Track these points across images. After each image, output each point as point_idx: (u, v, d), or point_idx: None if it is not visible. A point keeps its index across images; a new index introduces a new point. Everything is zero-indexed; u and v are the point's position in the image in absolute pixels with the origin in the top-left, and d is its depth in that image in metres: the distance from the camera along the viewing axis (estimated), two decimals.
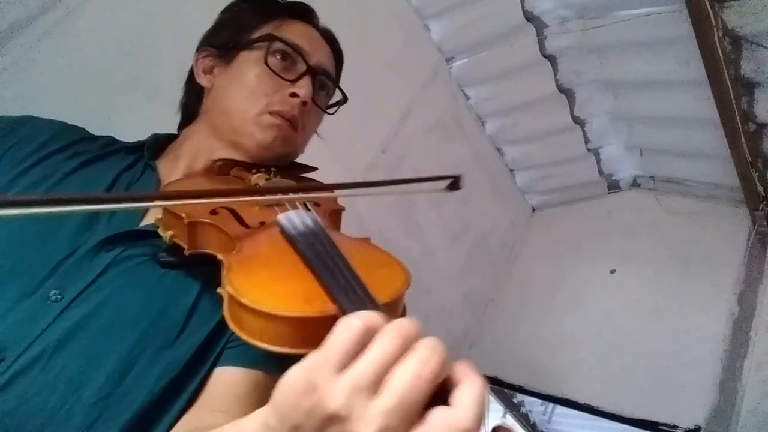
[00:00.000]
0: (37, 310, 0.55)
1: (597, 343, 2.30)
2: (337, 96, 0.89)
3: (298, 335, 0.40)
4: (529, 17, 2.09)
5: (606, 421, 2.15)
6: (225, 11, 0.86)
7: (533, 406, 3.51)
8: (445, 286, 2.48)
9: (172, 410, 0.57)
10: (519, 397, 3.29)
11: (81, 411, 0.52)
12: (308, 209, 0.58)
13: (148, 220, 0.68)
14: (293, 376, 0.36)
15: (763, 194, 2.07)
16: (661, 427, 1.98)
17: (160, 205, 0.56)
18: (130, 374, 0.55)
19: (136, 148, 0.79)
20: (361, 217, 2.04)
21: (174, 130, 0.88)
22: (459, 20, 2.17)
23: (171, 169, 0.76)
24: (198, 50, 0.83)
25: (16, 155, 0.68)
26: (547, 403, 3.12)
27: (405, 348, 0.35)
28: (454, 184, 0.63)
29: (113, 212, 0.66)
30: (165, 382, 0.57)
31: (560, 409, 3.29)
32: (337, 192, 0.58)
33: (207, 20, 0.88)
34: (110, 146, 0.77)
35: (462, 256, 2.57)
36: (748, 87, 1.82)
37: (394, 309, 0.46)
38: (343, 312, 0.39)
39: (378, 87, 2.02)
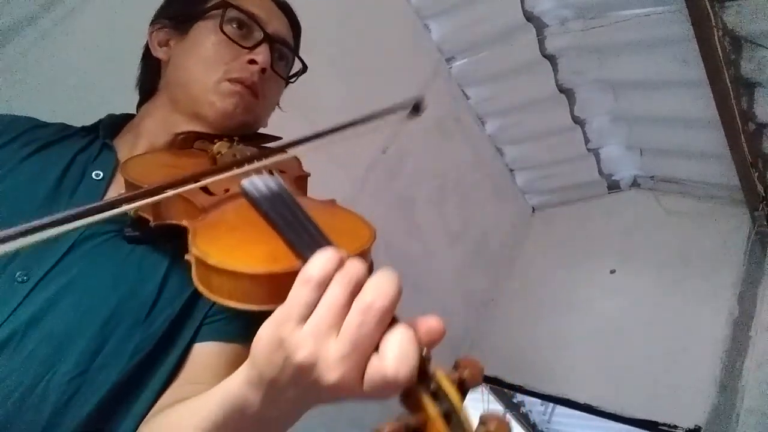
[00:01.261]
0: (4, 293, 0.55)
1: (597, 343, 2.30)
2: (297, 68, 0.87)
3: (265, 292, 0.41)
4: (529, 17, 2.09)
5: (606, 421, 2.16)
6: None
7: (533, 406, 3.51)
8: (445, 286, 2.48)
9: (149, 385, 0.57)
10: (519, 397, 3.29)
11: (56, 389, 0.52)
12: (272, 173, 0.58)
13: (110, 196, 0.66)
14: (262, 333, 0.39)
15: (763, 194, 2.07)
16: (661, 427, 1.98)
17: (126, 209, 0.53)
18: (104, 351, 0.55)
19: (92, 129, 0.78)
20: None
21: None
22: (459, 20, 2.17)
23: (131, 147, 0.74)
24: (152, 23, 0.82)
25: None
26: (547, 403, 3.13)
27: (355, 288, 0.37)
28: (416, 107, 0.62)
29: (74, 190, 0.65)
30: (139, 357, 0.57)
31: (560, 409, 3.29)
32: (301, 148, 0.58)
33: None
34: (64, 131, 0.76)
35: (462, 256, 2.57)
36: (748, 87, 1.82)
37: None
38: None
39: (378, 87, 2.02)
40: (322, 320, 0.37)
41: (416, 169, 2.26)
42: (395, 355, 0.35)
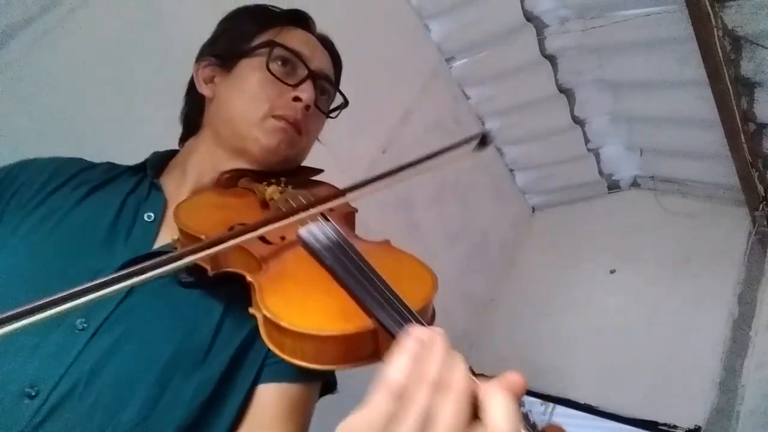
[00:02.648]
0: (65, 341, 0.55)
1: (597, 343, 2.30)
2: (338, 100, 0.89)
3: (337, 352, 0.41)
4: (529, 17, 2.09)
5: (606, 421, 2.15)
6: (224, 21, 0.86)
7: (533, 406, 3.51)
8: (445, 286, 2.46)
9: (213, 428, 0.58)
10: None
11: None
12: (327, 218, 0.59)
13: (163, 238, 0.68)
14: None
15: (763, 194, 2.07)
16: (661, 427, 1.98)
17: (183, 264, 0.52)
18: (165, 395, 0.56)
19: (138, 168, 0.79)
20: (361, 218, 2.03)
21: (173, 132, 0.87)
22: (459, 20, 2.17)
23: (178, 186, 0.76)
24: (198, 60, 0.83)
25: (20, 200, 0.68)
26: (547, 403, 3.12)
27: (437, 392, 0.37)
28: (483, 141, 0.60)
29: (128, 233, 0.67)
30: (200, 400, 0.57)
31: (560, 409, 3.28)
32: (356, 193, 0.57)
33: (206, 22, 0.87)
34: (112, 171, 0.77)
35: (462, 256, 2.57)
36: (748, 87, 1.82)
37: (425, 313, 0.47)
38: (381, 325, 0.40)
39: (378, 87, 2.02)
40: (408, 429, 0.36)
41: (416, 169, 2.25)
42: (500, 424, 0.36)
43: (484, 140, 0.60)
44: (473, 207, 2.60)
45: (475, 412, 0.37)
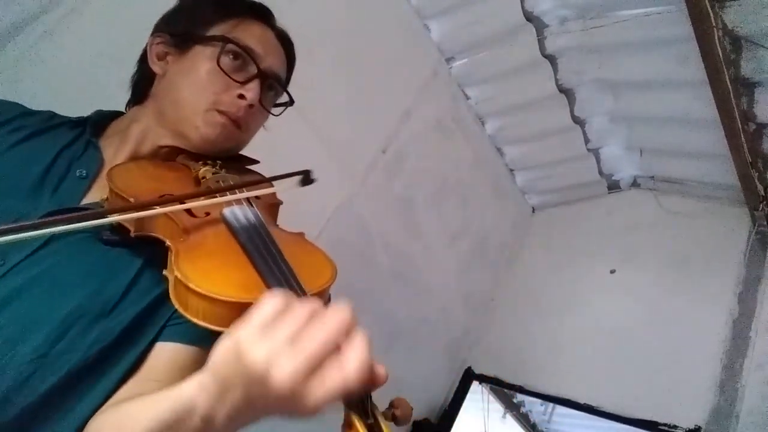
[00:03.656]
0: None
1: (597, 343, 2.30)
2: (285, 97, 0.90)
3: (234, 317, 0.46)
4: (529, 17, 2.09)
5: (606, 421, 2.15)
6: None
7: (533, 406, 3.51)
8: (445, 286, 2.48)
9: (107, 376, 0.61)
10: (519, 397, 3.29)
11: (15, 367, 0.56)
12: (251, 204, 0.64)
13: (93, 197, 0.69)
14: (224, 343, 0.44)
15: (763, 194, 2.07)
16: (661, 427, 1.98)
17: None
18: (65, 338, 0.59)
19: (79, 123, 0.79)
20: (362, 218, 2.04)
21: None
22: (459, 20, 2.17)
23: (116, 150, 0.76)
24: (153, 34, 0.83)
25: None
26: (547, 403, 3.12)
27: (313, 317, 0.42)
28: (306, 179, 0.69)
29: (57, 186, 0.68)
30: (99, 348, 0.60)
31: (560, 409, 3.29)
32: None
33: None
34: (52, 120, 0.77)
35: (462, 256, 2.57)
36: (748, 87, 1.82)
37: (320, 297, 0.53)
38: None
39: (378, 87, 2.02)
40: (280, 334, 0.41)
41: (416, 169, 2.26)
42: (353, 362, 0.40)
43: (307, 178, 0.69)
44: (473, 207, 2.60)
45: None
